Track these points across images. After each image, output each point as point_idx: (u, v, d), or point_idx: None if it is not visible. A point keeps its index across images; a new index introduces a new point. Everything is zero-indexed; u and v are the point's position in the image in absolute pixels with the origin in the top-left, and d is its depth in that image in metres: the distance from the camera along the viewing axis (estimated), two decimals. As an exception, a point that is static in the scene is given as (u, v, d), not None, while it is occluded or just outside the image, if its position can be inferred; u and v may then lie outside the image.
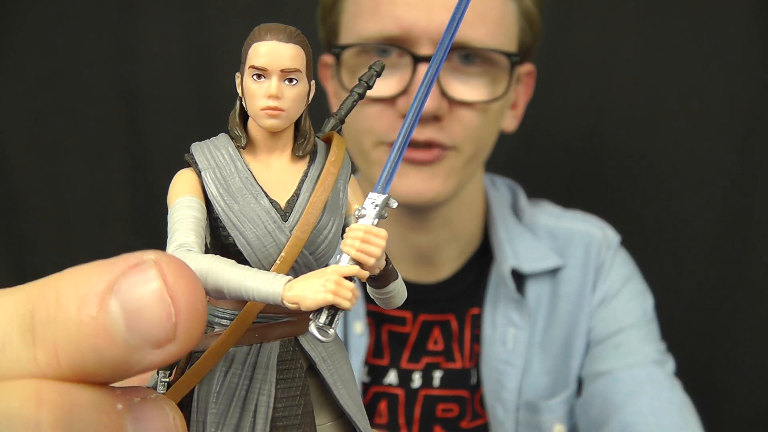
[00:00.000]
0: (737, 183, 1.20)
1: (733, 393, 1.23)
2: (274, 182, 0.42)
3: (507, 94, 0.85)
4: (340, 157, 0.43)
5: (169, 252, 0.39)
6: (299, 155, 0.43)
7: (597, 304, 0.92)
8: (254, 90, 0.41)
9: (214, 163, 0.42)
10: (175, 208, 0.41)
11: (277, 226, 0.41)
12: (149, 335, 0.24)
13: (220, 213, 0.41)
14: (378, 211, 0.40)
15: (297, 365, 0.42)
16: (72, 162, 1.22)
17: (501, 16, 0.83)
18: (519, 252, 0.92)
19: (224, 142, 0.44)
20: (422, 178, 0.83)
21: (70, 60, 1.20)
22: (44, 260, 1.23)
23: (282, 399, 0.41)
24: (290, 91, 0.41)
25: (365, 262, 0.37)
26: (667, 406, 0.83)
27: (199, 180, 0.42)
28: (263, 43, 0.41)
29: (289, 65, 0.41)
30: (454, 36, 0.43)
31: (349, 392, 0.43)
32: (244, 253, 0.41)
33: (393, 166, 0.41)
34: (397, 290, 0.42)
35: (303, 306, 0.37)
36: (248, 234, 0.41)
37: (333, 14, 0.88)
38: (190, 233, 0.40)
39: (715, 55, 1.17)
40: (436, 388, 0.93)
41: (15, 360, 0.25)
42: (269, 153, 0.43)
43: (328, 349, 0.43)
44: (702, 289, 1.23)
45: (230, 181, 0.42)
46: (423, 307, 0.93)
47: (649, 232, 1.22)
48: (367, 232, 0.38)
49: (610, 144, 1.23)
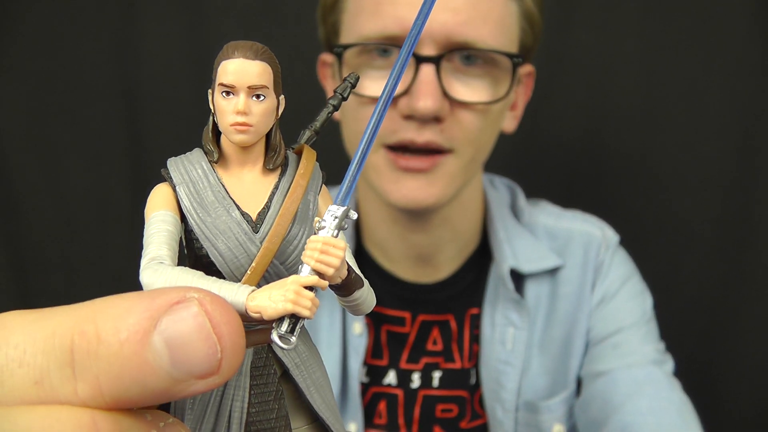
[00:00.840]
0: (737, 183, 1.20)
1: (733, 393, 1.23)
2: (246, 195, 0.44)
3: (508, 96, 0.85)
4: (309, 169, 0.45)
5: (143, 264, 0.41)
6: (270, 168, 0.45)
7: (596, 304, 0.92)
8: (224, 106, 0.43)
9: (188, 177, 0.44)
10: (150, 222, 0.43)
11: (248, 237, 0.43)
12: (194, 369, 0.26)
13: (194, 226, 0.43)
14: (337, 222, 0.41)
15: (270, 371, 0.43)
16: (72, 162, 1.22)
17: (503, 16, 0.83)
18: (518, 252, 0.92)
19: (198, 156, 0.45)
20: (420, 186, 0.83)
21: (70, 60, 1.20)
22: (44, 260, 1.23)
23: (255, 404, 0.43)
24: (258, 107, 0.43)
25: (325, 273, 0.39)
26: (666, 406, 0.83)
27: (174, 194, 0.44)
28: (231, 61, 0.43)
29: (256, 82, 0.42)
30: (424, 25, 0.43)
31: (323, 396, 0.44)
32: (217, 264, 0.43)
33: (352, 179, 0.42)
34: (363, 298, 0.43)
35: (265, 315, 0.38)
36: (220, 246, 0.42)
37: (334, 13, 0.88)
38: (162, 246, 0.42)
39: (715, 55, 1.17)
40: (436, 388, 0.93)
41: (54, 391, 0.25)
42: (241, 167, 0.44)
43: (301, 355, 0.44)
44: (702, 289, 1.23)
45: (203, 195, 0.43)
46: (422, 308, 0.93)
47: (648, 232, 1.22)
48: (326, 243, 0.39)
49: (610, 144, 1.23)
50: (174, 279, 0.39)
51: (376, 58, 0.83)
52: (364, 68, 0.83)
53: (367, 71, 0.83)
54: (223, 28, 1.19)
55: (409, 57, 0.42)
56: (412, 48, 0.43)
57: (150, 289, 0.40)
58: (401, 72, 0.41)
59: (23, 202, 1.22)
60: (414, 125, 0.80)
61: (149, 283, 0.40)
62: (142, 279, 0.40)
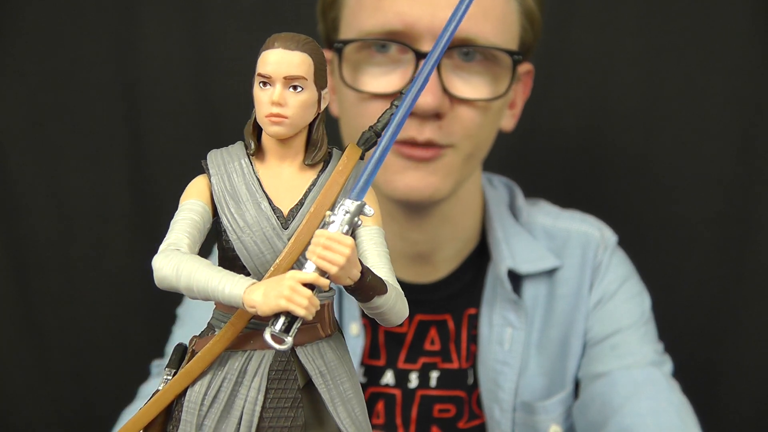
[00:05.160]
0: (737, 182, 1.20)
1: (732, 393, 1.22)
2: (282, 189, 0.43)
3: (508, 93, 0.85)
4: (349, 167, 0.43)
5: (161, 248, 0.41)
6: (309, 163, 0.44)
7: (594, 304, 0.92)
8: (260, 97, 0.42)
9: (224, 169, 0.43)
10: (180, 209, 0.43)
11: (276, 232, 0.42)
12: None
13: (223, 218, 0.42)
14: (349, 218, 0.39)
15: (291, 377, 0.42)
16: (72, 162, 1.22)
17: (504, 13, 0.83)
18: (516, 252, 0.92)
19: (238, 149, 0.45)
20: (420, 175, 0.83)
21: (70, 60, 1.20)
22: (44, 260, 1.23)
23: (270, 409, 0.41)
24: (294, 99, 0.42)
25: (327, 270, 0.37)
26: (665, 408, 0.83)
27: (209, 185, 0.43)
28: (270, 52, 0.42)
29: (294, 72, 0.41)
30: (454, 33, 0.43)
31: (349, 411, 0.43)
32: (242, 259, 0.42)
33: (371, 172, 0.41)
34: (388, 307, 0.41)
35: (259, 311, 0.37)
36: (246, 239, 0.42)
37: (334, 9, 0.88)
38: (183, 234, 0.41)
39: (715, 55, 1.17)
40: (433, 388, 0.92)
41: None
42: (280, 161, 0.44)
43: (329, 364, 0.43)
44: (702, 289, 1.23)
45: (237, 187, 0.43)
46: (419, 307, 0.93)
47: (648, 232, 1.22)
48: (330, 238, 0.37)
49: (609, 143, 1.23)
50: (180, 267, 0.39)
51: (375, 54, 0.83)
52: (364, 64, 0.83)
53: (366, 67, 0.83)
54: (223, 28, 1.19)
55: (440, 57, 0.43)
56: (443, 49, 0.43)
57: (158, 273, 0.40)
58: (433, 67, 0.42)
59: (23, 202, 1.22)
60: (415, 122, 0.80)
61: (159, 267, 0.40)
62: (154, 263, 0.40)
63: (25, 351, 1.22)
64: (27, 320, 1.21)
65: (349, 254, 0.37)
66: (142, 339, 1.16)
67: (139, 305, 1.23)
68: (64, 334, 1.23)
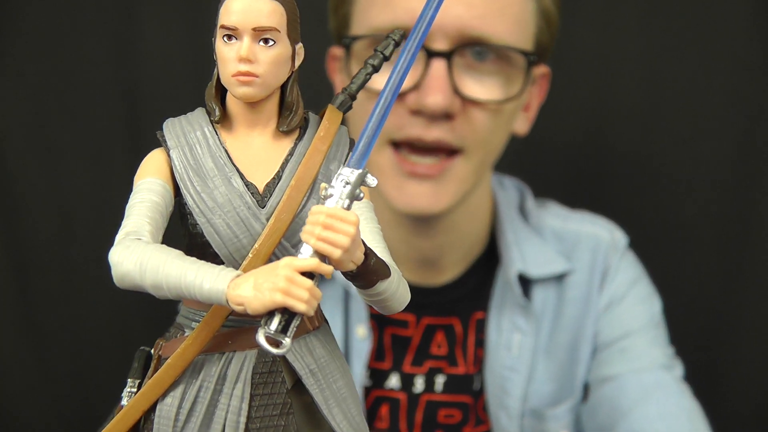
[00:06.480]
0: (738, 182, 1.20)
1: (733, 393, 1.22)
2: (254, 162, 0.37)
3: (521, 95, 0.83)
4: (332, 132, 0.37)
5: (117, 240, 0.34)
6: (284, 131, 0.37)
7: (603, 307, 0.90)
8: (225, 53, 0.36)
9: (184, 140, 0.37)
10: (136, 191, 0.37)
11: (252, 212, 0.35)
12: None
13: (187, 197, 0.36)
14: (350, 190, 0.32)
15: (278, 379, 0.36)
16: (72, 162, 1.22)
17: (519, 13, 0.81)
18: (526, 255, 0.90)
19: (199, 117, 0.38)
20: (427, 192, 0.81)
21: (70, 60, 1.19)
22: (45, 260, 1.23)
23: (257, 419, 0.36)
24: (266, 54, 0.36)
25: (330, 254, 0.31)
26: (676, 412, 0.81)
27: (168, 160, 0.37)
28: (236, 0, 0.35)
29: (264, 23, 0.35)
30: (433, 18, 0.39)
31: (345, 411, 0.37)
32: (213, 245, 0.36)
33: (371, 134, 0.35)
34: (391, 292, 0.35)
35: (249, 309, 0.31)
36: (217, 222, 0.35)
37: (345, 5, 0.86)
38: (143, 219, 0.35)
39: (715, 55, 1.17)
40: (439, 393, 0.91)
41: None
42: (250, 129, 0.38)
43: (319, 360, 0.37)
44: (702, 290, 1.22)
45: (201, 162, 0.37)
46: (426, 310, 0.91)
47: (650, 232, 1.22)
48: (331, 216, 0.31)
49: (611, 144, 1.23)
50: (144, 260, 0.32)
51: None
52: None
53: None
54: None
55: (419, 47, 0.39)
56: (421, 39, 0.39)
57: (117, 269, 0.32)
58: (412, 57, 0.38)
59: (23, 202, 1.22)
60: (422, 122, 0.78)
61: (118, 262, 0.33)
62: (111, 257, 0.33)
63: (25, 351, 1.22)
64: (27, 320, 1.21)
65: (354, 234, 0.31)
66: (142, 339, 1.15)
67: (139, 305, 1.22)
68: (64, 334, 1.23)
